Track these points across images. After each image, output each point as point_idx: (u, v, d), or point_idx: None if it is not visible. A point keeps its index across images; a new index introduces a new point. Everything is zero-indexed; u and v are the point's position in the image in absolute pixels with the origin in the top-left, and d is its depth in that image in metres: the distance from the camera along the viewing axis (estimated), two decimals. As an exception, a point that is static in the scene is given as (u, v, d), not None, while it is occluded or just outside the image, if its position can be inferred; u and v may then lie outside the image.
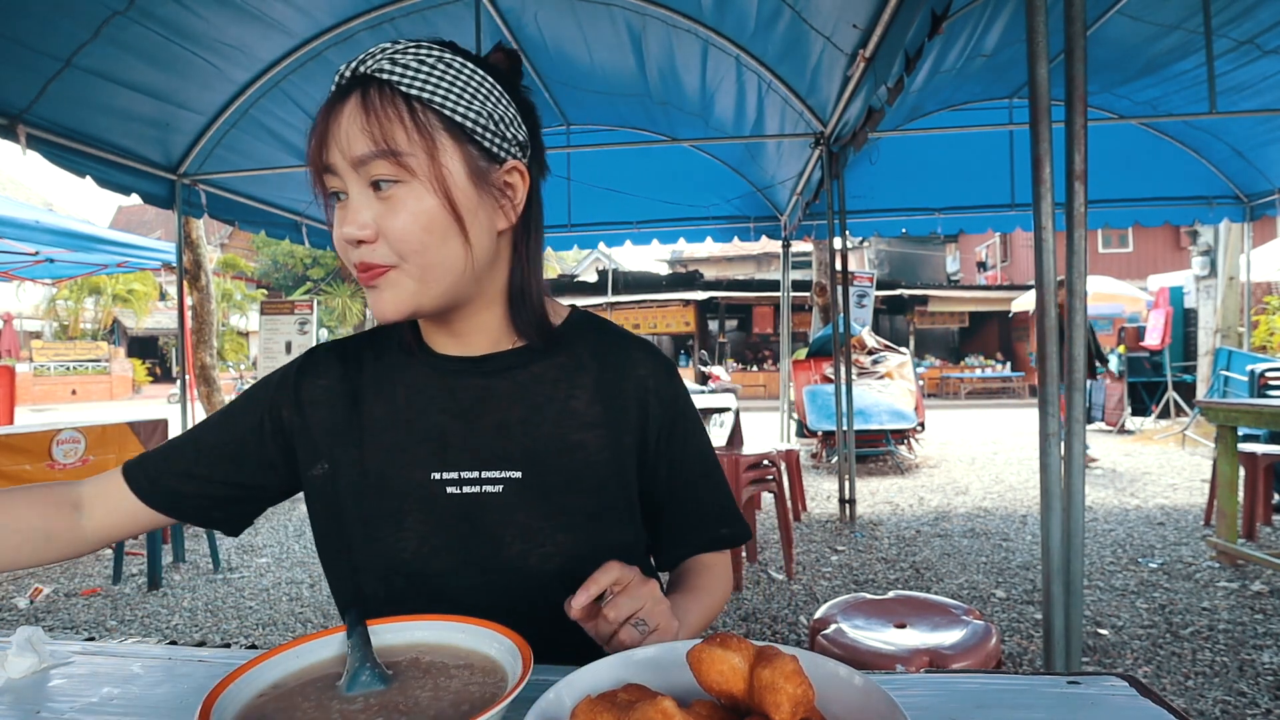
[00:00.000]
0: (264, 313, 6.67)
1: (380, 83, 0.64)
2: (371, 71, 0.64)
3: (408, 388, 0.77)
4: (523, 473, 0.73)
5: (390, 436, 0.74)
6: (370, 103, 0.63)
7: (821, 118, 4.01)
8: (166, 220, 12.71)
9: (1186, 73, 4.38)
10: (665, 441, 0.80)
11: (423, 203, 0.64)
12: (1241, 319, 7.82)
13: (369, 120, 0.63)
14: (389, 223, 0.64)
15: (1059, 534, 1.60)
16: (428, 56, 0.65)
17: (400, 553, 0.71)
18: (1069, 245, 1.59)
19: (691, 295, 18.63)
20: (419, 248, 0.65)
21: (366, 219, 0.64)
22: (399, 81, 0.64)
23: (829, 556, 3.79)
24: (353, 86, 0.64)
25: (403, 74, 0.64)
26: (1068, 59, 1.59)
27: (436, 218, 0.65)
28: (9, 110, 3.27)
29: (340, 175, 0.65)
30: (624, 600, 0.60)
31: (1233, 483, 3.41)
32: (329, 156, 0.65)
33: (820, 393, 6.80)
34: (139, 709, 0.58)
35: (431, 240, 0.65)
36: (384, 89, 0.64)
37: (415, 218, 0.64)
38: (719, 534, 0.83)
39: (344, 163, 0.64)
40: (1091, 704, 0.53)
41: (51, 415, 14.64)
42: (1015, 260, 21.61)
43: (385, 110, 0.63)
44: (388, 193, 0.64)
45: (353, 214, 0.64)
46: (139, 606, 3.29)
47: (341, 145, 0.64)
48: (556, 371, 0.77)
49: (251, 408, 0.78)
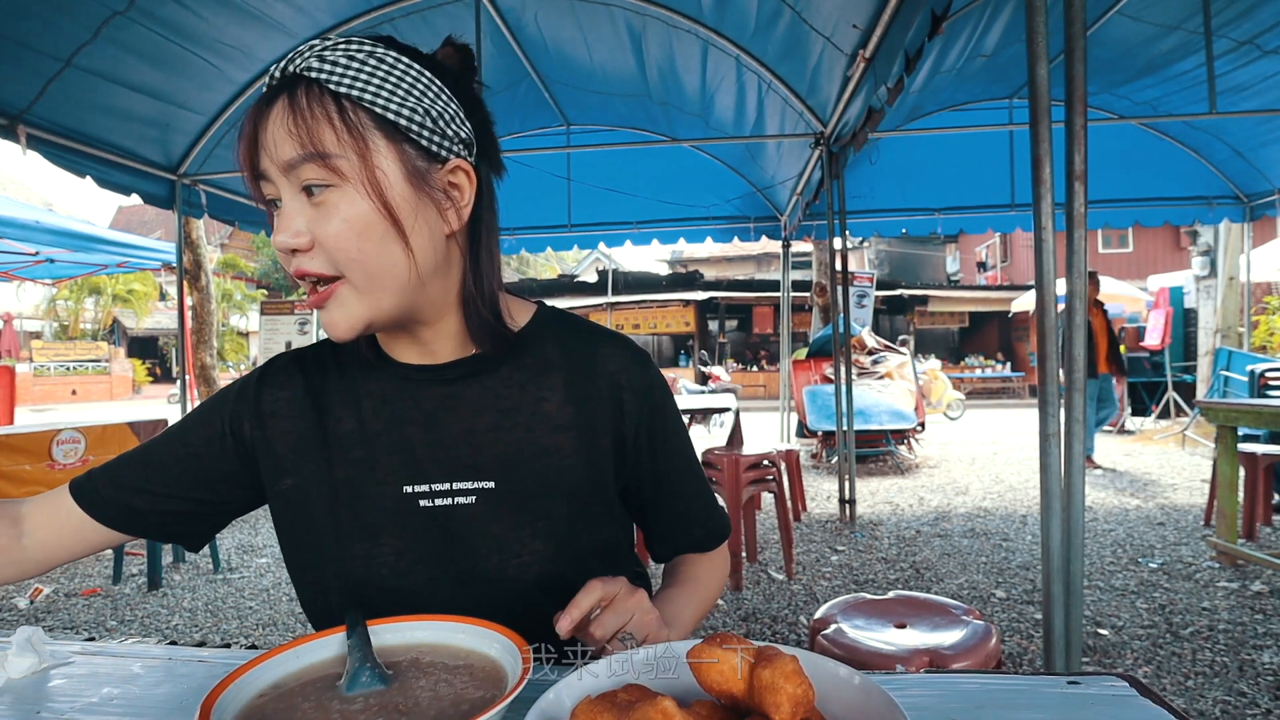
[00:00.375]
0: (264, 313, 6.67)
1: (309, 81, 0.61)
2: (300, 70, 0.61)
3: (373, 399, 0.74)
4: (495, 482, 0.70)
5: (359, 450, 0.72)
6: (297, 103, 0.60)
7: (821, 118, 4.01)
8: (166, 220, 12.73)
9: (1186, 73, 4.38)
10: (645, 436, 0.77)
11: (355, 207, 0.61)
12: (1241, 319, 7.82)
13: (296, 122, 0.59)
14: (322, 229, 0.61)
15: (1059, 534, 1.60)
16: (358, 52, 0.62)
17: (379, 569, 0.69)
18: (1069, 245, 1.59)
19: (691, 295, 18.62)
20: (357, 255, 0.61)
21: (300, 226, 0.61)
22: (327, 80, 0.60)
23: (829, 556, 3.79)
24: (281, 88, 0.61)
25: (330, 71, 0.60)
26: (1068, 59, 1.59)
27: (372, 223, 0.61)
28: (9, 110, 3.27)
29: (273, 181, 0.62)
30: (609, 618, 0.60)
31: (1233, 483, 3.40)
32: (260, 162, 0.62)
33: (820, 393, 6.80)
34: (139, 709, 0.58)
35: (369, 247, 0.62)
36: (312, 88, 0.60)
37: (349, 223, 0.61)
38: (706, 530, 0.84)
39: (274, 168, 0.61)
40: (1091, 704, 0.53)
41: (51, 415, 14.64)
42: (1015, 260, 21.60)
43: (312, 110, 0.60)
44: (320, 198, 0.61)
45: (286, 221, 0.61)
46: (139, 607, 3.29)
47: (270, 149, 0.61)
48: (524, 374, 0.74)
49: (209, 420, 0.75)
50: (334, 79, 0.61)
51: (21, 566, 0.71)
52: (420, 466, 0.71)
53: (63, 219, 5.32)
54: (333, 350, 0.78)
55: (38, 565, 0.72)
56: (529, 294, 0.79)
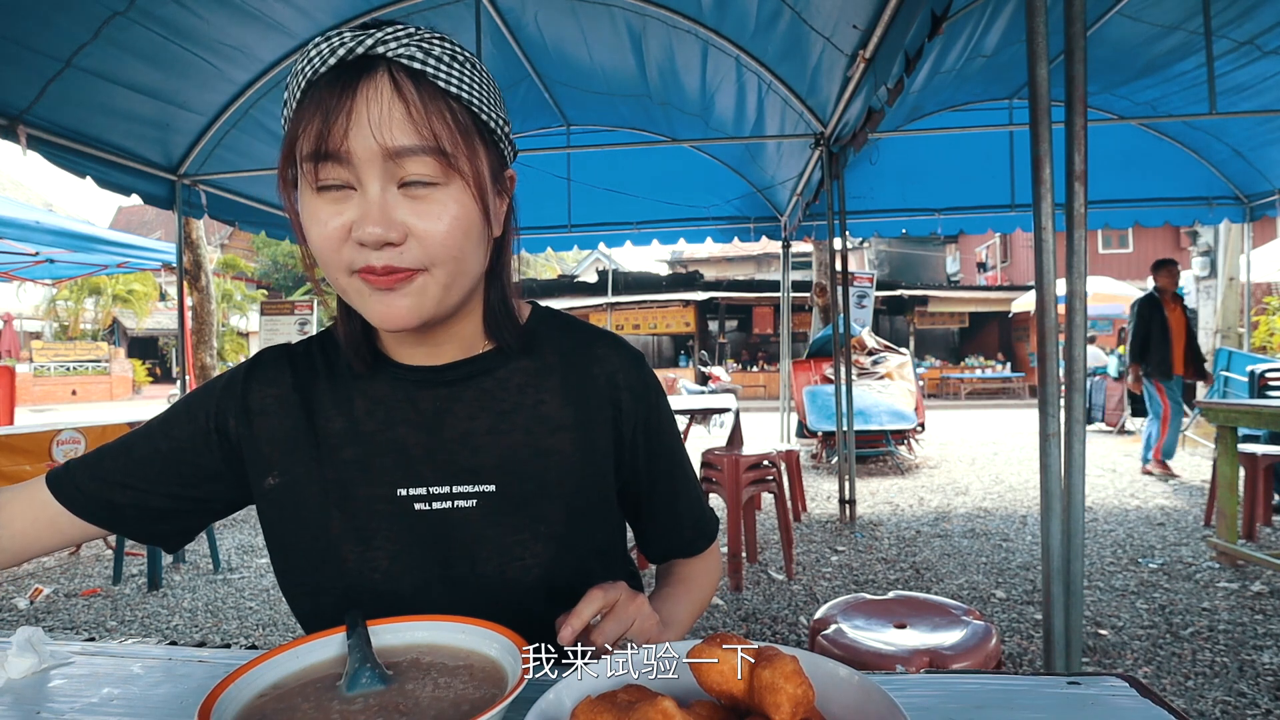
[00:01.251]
0: (264, 313, 6.68)
1: (413, 72, 0.58)
2: (394, 55, 0.58)
3: (366, 399, 0.72)
4: (496, 485, 0.69)
5: (349, 450, 0.70)
6: (407, 92, 0.57)
7: (821, 118, 4.01)
8: (166, 220, 12.75)
9: (1186, 73, 4.38)
10: (642, 435, 0.77)
11: (463, 206, 0.60)
12: (1241, 319, 7.82)
13: (410, 111, 0.57)
14: (426, 225, 0.59)
15: (1059, 534, 1.60)
16: (451, 48, 0.60)
17: (371, 573, 0.67)
18: (1069, 245, 1.59)
19: (691, 296, 18.63)
20: (457, 254, 0.61)
21: (399, 218, 0.58)
22: (434, 75, 0.58)
23: (829, 557, 3.78)
24: (370, 68, 0.57)
25: (436, 66, 0.59)
26: (1068, 59, 1.59)
27: (474, 223, 0.61)
28: (9, 111, 3.27)
29: (354, 165, 0.57)
30: (610, 626, 0.60)
31: (1233, 483, 3.40)
32: (340, 143, 0.56)
33: (820, 393, 6.80)
34: (139, 709, 0.58)
35: (468, 246, 0.62)
36: (421, 80, 0.58)
37: (457, 222, 0.60)
38: (696, 531, 0.84)
39: (367, 152, 0.57)
40: (1091, 704, 0.53)
41: (51, 415, 14.63)
42: (1015, 260, 21.61)
43: (430, 103, 0.58)
44: (422, 193, 0.59)
45: (379, 211, 0.57)
46: (139, 607, 3.29)
47: (372, 132, 0.56)
48: (522, 376, 0.74)
49: (193, 415, 0.72)
50: (441, 75, 0.59)
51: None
52: (416, 469, 0.69)
53: (63, 219, 5.32)
54: (323, 347, 0.76)
55: (10, 557, 0.70)
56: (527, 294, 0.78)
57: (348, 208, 0.59)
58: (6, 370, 5.86)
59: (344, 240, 0.59)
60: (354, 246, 0.59)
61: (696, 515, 0.84)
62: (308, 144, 0.57)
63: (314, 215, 0.59)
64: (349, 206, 0.59)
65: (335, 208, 0.59)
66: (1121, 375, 9.26)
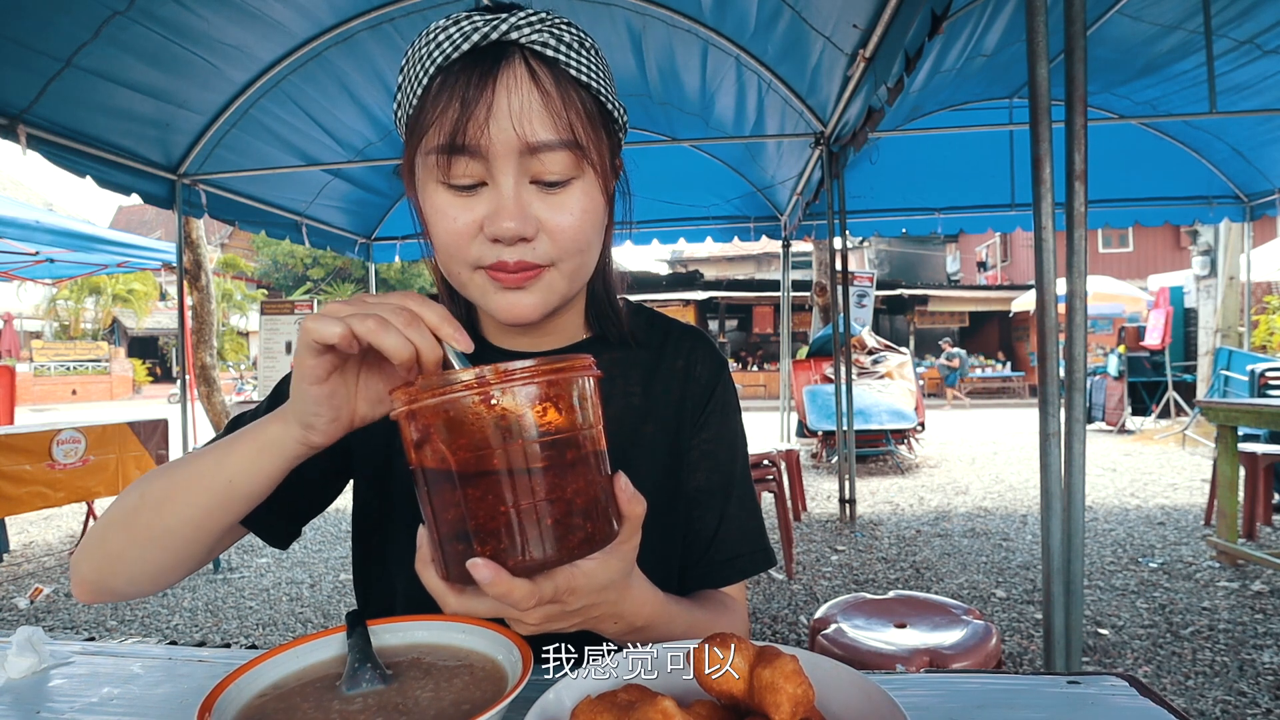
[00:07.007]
0: (264, 313, 6.67)
1: (547, 60, 0.55)
2: (527, 42, 0.55)
3: None
4: None
5: None
6: (544, 83, 0.54)
7: (821, 118, 4.01)
8: (166, 220, 12.70)
9: (1186, 73, 4.37)
10: (703, 434, 0.76)
11: (594, 200, 0.58)
12: (1241, 319, 7.82)
13: (550, 105, 0.54)
14: (561, 220, 0.57)
15: (1059, 534, 1.60)
16: (582, 36, 0.58)
17: None
18: (1069, 245, 1.59)
19: (692, 295, 18.64)
20: (585, 246, 0.59)
21: (534, 214, 0.56)
22: (566, 63, 0.56)
23: (829, 556, 3.78)
24: (506, 54, 0.54)
25: (569, 54, 0.56)
26: (1068, 59, 1.59)
27: (601, 215, 0.60)
28: (9, 110, 3.27)
29: (488, 160, 0.55)
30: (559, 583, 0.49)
31: (1233, 483, 3.40)
32: (483, 134, 0.53)
33: (820, 393, 6.80)
34: (139, 709, 0.58)
35: (595, 240, 0.61)
36: (556, 69, 0.55)
37: (588, 215, 0.58)
38: (745, 558, 0.74)
39: (506, 146, 0.54)
40: (1091, 704, 0.53)
41: (52, 415, 14.64)
42: (1015, 260, 21.61)
43: (567, 95, 0.55)
44: (556, 186, 0.57)
45: (515, 206, 0.55)
46: (139, 606, 3.29)
47: (512, 126, 0.53)
48: (614, 367, 0.74)
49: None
50: (573, 63, 0.56)
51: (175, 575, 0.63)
52: None
53: (63, 219, 5.32)
54: None
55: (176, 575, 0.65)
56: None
57: (478, 202, 0.57)
58: (6, 370, 5.86)
59: (474, 236, 0.57)
60: (483, 242, 0.57)
61: (736, 540, 0.75)
62: (441, 135, 0.54)
63: (440, 209, 0.57)
64: (479, 201, 0.57)
65: (465, 201, 0.57)
66: (1121, 374, 9.26)
